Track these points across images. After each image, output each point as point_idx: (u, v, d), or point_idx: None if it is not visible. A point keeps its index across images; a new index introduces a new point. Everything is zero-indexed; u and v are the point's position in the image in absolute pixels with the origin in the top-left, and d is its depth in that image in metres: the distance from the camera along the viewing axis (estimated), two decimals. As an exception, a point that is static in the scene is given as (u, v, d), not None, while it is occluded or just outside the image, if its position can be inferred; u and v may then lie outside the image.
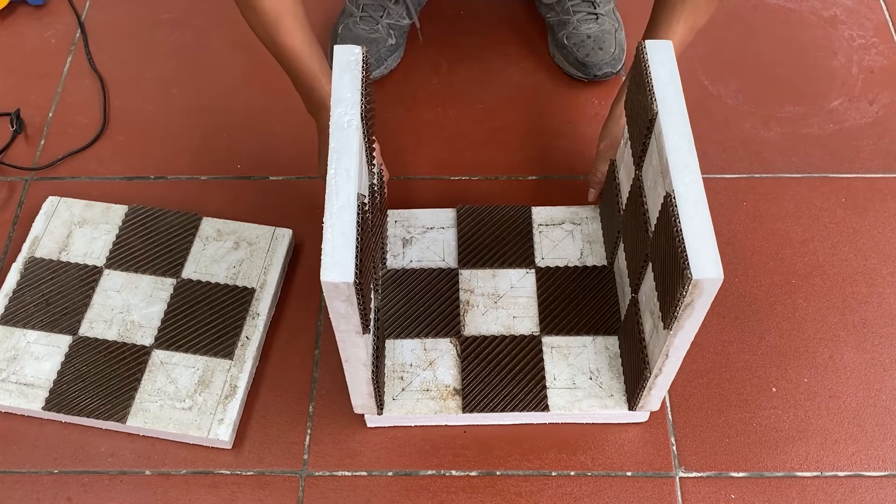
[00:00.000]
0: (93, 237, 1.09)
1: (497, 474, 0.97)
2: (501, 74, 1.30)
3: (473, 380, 0.98)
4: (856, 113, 1.25)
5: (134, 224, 1.10)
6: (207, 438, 0.96)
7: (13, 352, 1.00)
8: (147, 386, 0.98)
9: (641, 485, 0.96)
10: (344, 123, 0.82)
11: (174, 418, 0.96)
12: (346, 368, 0.86)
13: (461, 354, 1.00)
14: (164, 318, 1.03)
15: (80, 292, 1.04)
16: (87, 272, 1.06)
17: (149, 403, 0.97)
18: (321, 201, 0.78)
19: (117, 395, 0.97)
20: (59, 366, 0.99)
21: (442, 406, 0.97)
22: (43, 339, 1.01)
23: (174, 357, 1.00)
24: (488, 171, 1.20)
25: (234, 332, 1.02)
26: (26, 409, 0.97)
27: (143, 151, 1.22)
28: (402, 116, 1.26)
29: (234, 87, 1.28)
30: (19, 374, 0.99)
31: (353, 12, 1.27)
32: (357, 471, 0.97)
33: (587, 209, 1.11)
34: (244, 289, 1.05)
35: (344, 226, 0.76)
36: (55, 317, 1.02)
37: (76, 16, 1.37)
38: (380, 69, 1.26)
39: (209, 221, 1.10)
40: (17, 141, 1.24)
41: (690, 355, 1.04)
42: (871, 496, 0.95)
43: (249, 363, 1.00)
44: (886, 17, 1.36)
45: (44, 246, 1.08)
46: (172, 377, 0.99)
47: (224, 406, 0.97)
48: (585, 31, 1.26)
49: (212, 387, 0.98)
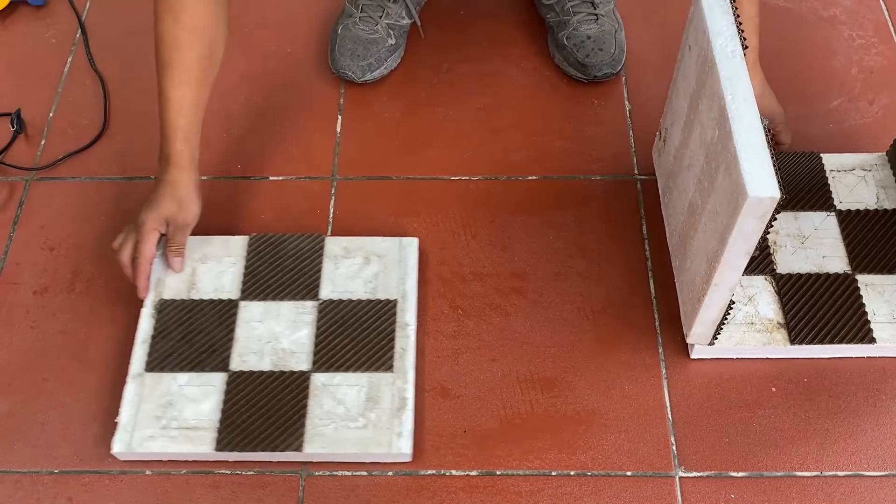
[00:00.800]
0: (219, 271, 1.06)
1: (497, 474, 0.97)
2: (501, 74, 1.30)
3: (797, 314, 1.02)
4: (856, 113, 1.25)
5: (259, 252, 1.08)
6: (390, 454, 0.95)
7: (167, 397, 0.97)
8: (315, 410, 0.96)
9: (641, 484, 0.96)
10: (728, 53, 0.88)
11: (351, 438, 0.95)
12: (710, 293, 0.90)
13: (779, 290, 1.03)
14: (315, 341, 1.01)
15: (221, 328, 1.02)
16: (223, 307, 1.04)
17: (321, 427, 0.95)
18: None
19: (287, 424, 0.95)
20: (221, 404, 0.97)
21: (769, 338, 1.00)
22: (195, 379, 0.99)
23: (335, 378, 0.99)
24: (488, 171, 1.20)
25: (388, 344, 1.01)
26: (195, 453, 0.95)
27: (143, 151, 1.22)
28: (402, 116, 1.26)
29: (234, 87, 1.28)
30: (179, 419, 0.96)
31: (353, 13, 1.27)
32: (357, 471, 0.97)
33: (874, 157, 1.16)
34: (386, 301, 1.04)
35: (756, 145, 0.81)
36: (202, 356, 1.00)
37: (76, 16, 1.37)
38: (380, 69, 1.26)
39: (333, 240, 1.09)
40: (18, 141, 1.24)
41: (690, 355, 1.04)
42: (871, 496, 0.95)
43: (411, 373, 0.99)
44: (886, 17, 1.36)
45: (170, 287, 1.05)
46: (339, 398, 0.97)
47: (399, 419, 0.96)
48: (585, 32, 1.26)
49: (381, 402, 0.97)
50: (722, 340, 1.00)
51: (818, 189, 1.13)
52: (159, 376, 0.99)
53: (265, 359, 1.00)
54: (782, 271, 1.05)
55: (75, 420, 1.00)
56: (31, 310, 1.08)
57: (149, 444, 0.95)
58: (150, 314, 1.03)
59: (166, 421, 0.96)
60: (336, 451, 0.94)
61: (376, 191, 1.18)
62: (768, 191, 0.78)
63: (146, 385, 0.98)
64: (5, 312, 1.08)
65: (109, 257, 1.12)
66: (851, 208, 1.11)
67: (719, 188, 0.86)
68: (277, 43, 1.34)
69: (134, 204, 1.16)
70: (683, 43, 0.99)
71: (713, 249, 0.89)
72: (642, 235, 1.13)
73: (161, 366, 0.99)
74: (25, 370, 1.04)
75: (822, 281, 1.04)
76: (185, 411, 0.97)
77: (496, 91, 1.28)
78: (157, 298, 1.04)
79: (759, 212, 0.80)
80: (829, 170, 1.15)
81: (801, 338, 1.00)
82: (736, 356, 1.02)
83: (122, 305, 1.08)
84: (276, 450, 0.94)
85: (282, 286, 1.05)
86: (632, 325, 1.06)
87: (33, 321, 1.07)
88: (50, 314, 1.08)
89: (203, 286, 1.05)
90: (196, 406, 0.97)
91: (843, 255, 1.07)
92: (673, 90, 1.05)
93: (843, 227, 1.09)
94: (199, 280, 1.06)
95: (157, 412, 0.97)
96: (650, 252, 1.12)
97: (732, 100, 0.85)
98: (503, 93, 1.28)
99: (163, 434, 0.95)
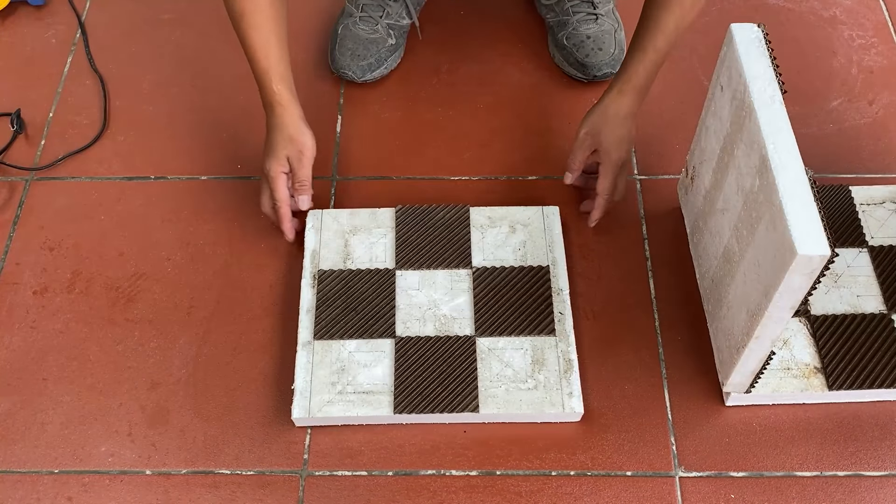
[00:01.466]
0: (371, 242, 1.10)
1: (497, 474, 0.97)
2: (501, 74, 1.30)
3: (833, 358, 1.00)
4: (856, 113, 1.25)
5: (407, 224, 1.11)
6: (563, 413, 0.97)
7: (339, 363, 1.01)
8: (485, 373, 1.00)
9: (641, 485, 0.96)
10: (767, 99, 0.86)
11: (524, 399, 0.98)
12: (751, 345, 0.88)
13: (814, 333, 1.01)
14: (475, 307, 1.04)
15: (382, 296, 1.06)
16: (381, 276, 1.07)
17: (493, 389, 0.99)
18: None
19: (461, 386, 0.99)
20: (392, 369, 1.00)
21: (806, 384, 0.98)
22: (364, 346, 1.02)
23: (499, 342, 1.02)
24: (488, 171, 1.20)
25: (547, 309, 1.04)
26: (374, 415, 0.98)
27: (143, 151, 1.22)
28: (402, 116, 1.26)
29: (234, 87, 1.28)
30: (354, 384, 0.99)
31: (353, 12, 1.27)
32: (357, 471, 0.97)
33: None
34: (539, 268, 1.07)
35: (803, 199, 0.79)
36: (367, 323, 1.03)
37: (76, 16, 1.37)
38: (380, 69, 1.26)
39: (477, 210, 1.13)
40: (18, 141, 1.24)
41: (690, 355, 1.04)
42: (871, 496, 0.95)
43: (572, 336, 1.02)
44: (886, 17, 1.36)
45: (325, 258, 1.08)
46: (505, 361, 1.01)
47: (567, 380, 0.99)
48: (585, 32, 1.26)
49: (547, 364, 1.00)
50: (758, 387, 0.97)
51: (849, 224, 1.11)
52: (328, 343, 1.02)
53: (428, 325, 1.04)
54: (816, 312, 1.03)
55: (75, 420, 1.00)
56: (30, 310, 1.08)
57: (328, 409, 0.98)
58: (309, 284, 1.07)
59: (341, 386, 0.99)
60: (511, 411, 0.98)
61: (376, 191, 1.18)
62: (818, 248, 0.76)
63: (316, 352, 1.01)
64: (5, 312, 1.08)
65: (109, 257, 1.12)
66: (884, 244, 1.09)
67: (762, 240, 0.85)
68: (277, 43, 1.34)
69: (134, 204, 1.17)
70: (714, 82, 0.97)
71: (755, 302, 0.86)
72: (642, 235, 1.13)
73: (330, 334, 1.03)
74: (25, 370, 1.04)
75: (858, 322, 1.02)
76: (358, 376, 1.00)
77: (496, 91, 1.28)
78: (315, 269, 1.07)
79: (807, 269, 0.78)
80: (858, 203, 1.12)
81: (838, 383, 0.98)
82: (772, 402, 1.00)
83: (122, 305, 1.08)
84: (453, 411, 0.97)
85: (435, 255, 1.09)
86: (632, 326, 1.06)
87: (33, 321, 1.07)
88: (50, 314, 1.08)
89: (357, 256, 1.09)
90: (368, 371, 1.00)
91: (878, 294, 1.05)
92: (702, 129, 1.03)
93: (877, 265, 1.07)
94: (352, 251, 1.10)
95: (332, 378, 1.00)
96: (650, 252, 1.12)
97: (775, 150, 0.82)
98: (503, 93, 1.28)
99: (340, 399, 0.98)
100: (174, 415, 1.00)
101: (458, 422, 0.99)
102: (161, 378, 1.03)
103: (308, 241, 1.10)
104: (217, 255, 1.13)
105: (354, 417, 0.98)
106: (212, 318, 1.07)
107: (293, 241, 1.11)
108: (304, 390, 0.99)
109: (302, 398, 0.98)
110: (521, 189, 1.18)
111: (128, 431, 0.99)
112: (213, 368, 1.04)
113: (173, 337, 1.06)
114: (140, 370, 1.03)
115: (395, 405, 0.97)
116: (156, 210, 1.17)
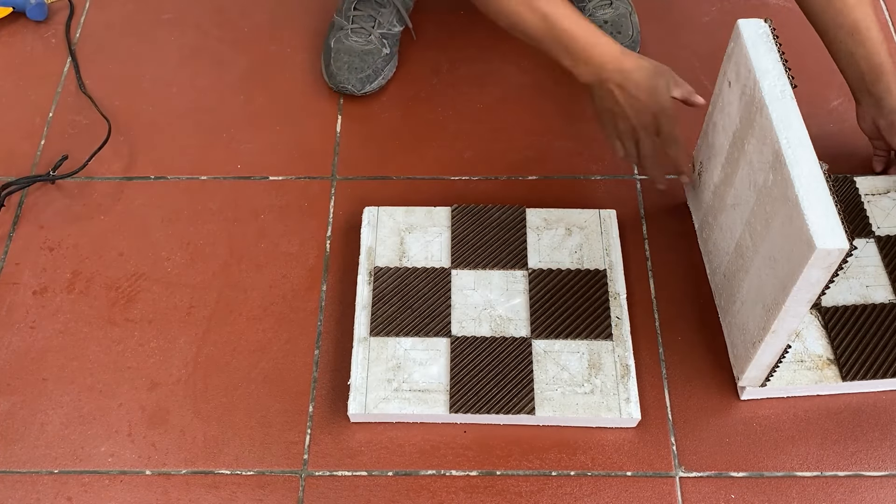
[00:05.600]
0: (426, 241, 1.10)
1: (497, 474, 0.97)
2: (501, 74, 1.30)
3: (846, 349, 0.99)
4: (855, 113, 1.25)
5: (463, 223, 1.11)
6: (620, 419, 0.97)
7: (394, 360, 1.00)
8: (541, 376, 0.99)
9: (641, 485, 0.96)
10: (778, 94, 0.86)
11: (580, 403, 0.97)
12: (767, 339, 0.88)
13: (826, 324, 1.01)
14: (531, 308, 1.04)
15: (438, 295, 1.05)
16: (436, 275, 1.07)
17: (549, 392, 0.98)
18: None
19: (516, 388, 0.98)
20: (448, 368, 1.00)
21: (820, 376, 0.98)
22: (419, 344, 1.02)
23: (555, 345, 1.02)
24: (488, 171, 1.20)
25: (603, 313, 1.03)
26: (430, 414, 0.98)
27: (143, 151, 1.22)
28: (402, 116, 1.26)
29: (234, 87, 1.28)
30: (410, 382, 0.99)
31: (343, 25, 1.27)
32: (357, 471, 0.97)
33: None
34: (595, 271, 1.07)
35: (819, 193, 0.79)
36: (423, 321, 1.03)
37: (77, 16, 1.37)
38: (377, 80, 1.26)
39: (533, 212, 1.12)
40: (18, 141, 1.24)
41: (690, 355, 1.04)
42: (871, 496, 0.95)
43: (629, 341, 1.02)
44: (886, 17, 1.36)
45: (381, 255, 1.08)
46: (562, 364, 1.00)
47: (624, 385, 0.98)
48: (602, 17, 1.26)
49: (604, 368, 1.00)
50: (773, 381, 0.97)
51: (855, 214, 1.11)
52: (384, 340, 1.02)
53: (483, 325, 1.03)
54: (827, 304, 1.03)
55: (75, 420, 1.00)
56: (30, 310, 1.08)
57: (383, 406, 0.98)
58: (365, 281, 1.06)
59: (397, 384, 0.99)
60: (567, 414, 0.97)
61: (376, 191, 1.18)
62: (836, 242, 0.76)
63: (372, 349, 1.01)
64: (5, 312, 1.08)
65: (109, 257, 1.12)
66: (891, 233, 1.09)
67: (778, 235, 0.85)
68: (278, 43, 1.34)
69: (134, 204, 1.17)
70: (721, 78, 0.97)
71: (772, 296, 0.87)
72: (642, 235, 1.13)
73: (386, 330, 1.02)
74: (25, 370, 1.04)
75: (869, 312, 1.02)
76: (413, 374, 1.00)
77: (496, 91, 1.28)
78: (371, 266, 1.07)
79: (826, 262, 0.78)
80: (863, 193, 1.13)
81: (852, 374, 0.98)
82: (787, 395, 1.00)
83: (122, 305, 1.08)
84: (509, 412, 0.97)
85: (491, 256, 1.09)
86: (632, 325, 1.05)
87: (33, 321, 1.07)
88: (50, 314, 1.08)
89: (413, 255, 1.09)
90: (424, 369, 1.00)
91: (887, 284, 1.05)
92: (709, 124, 1.03)
93: (885, 254, 1.07)
94: (408, 249, 1.09)
95: (388, 375, 1.00)
96: (650, 252, 1.12)
97: (788, 144, 0.82)
98: (503, 93, 1.28)
99: (396, 396, 0.98)
100: (174, 415, 1.00)
101: (513, 423, 0.98)
102: (161, 378, 1.03)
103: (364, 238, 1.10)
104: (217, 255, 1.13)
105: (410, 415, 0.98)
106: (212, 318, 1.07)
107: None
108: (361, 386, 0.99)
109: (358, 394, 0.98)
110: (521, 189, 1.18)
111: (127, 431, 0.99)
112: (213, 368, 1.04)
113: (173, 337, 1.06)
114: (140, 370, 1.03)
115: (450, 405, 0.97)
116: (156, 210, 1.16)
